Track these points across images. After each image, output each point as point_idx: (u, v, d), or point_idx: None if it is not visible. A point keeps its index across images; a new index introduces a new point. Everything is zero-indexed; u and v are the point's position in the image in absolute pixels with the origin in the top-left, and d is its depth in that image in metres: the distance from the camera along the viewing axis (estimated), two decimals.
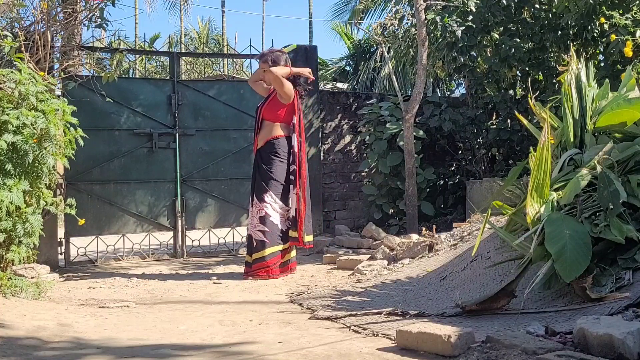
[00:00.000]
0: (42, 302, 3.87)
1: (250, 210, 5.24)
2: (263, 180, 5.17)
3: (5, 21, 5.15)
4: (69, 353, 2.76)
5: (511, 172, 4.25)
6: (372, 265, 5.04)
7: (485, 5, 6.66)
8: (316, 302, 3.86)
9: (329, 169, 7.66)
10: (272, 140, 5.20)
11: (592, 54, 6.54)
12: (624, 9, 5.95)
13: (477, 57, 7.14)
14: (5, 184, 3.58)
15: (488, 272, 3.83)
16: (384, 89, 14.65)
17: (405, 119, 6.72)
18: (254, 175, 5.30)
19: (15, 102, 3.84)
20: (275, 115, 5.24)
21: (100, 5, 5.48)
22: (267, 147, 5.21)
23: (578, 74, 3.97)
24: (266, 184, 5.15)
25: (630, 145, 3.47)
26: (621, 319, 2.50)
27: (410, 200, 6.75)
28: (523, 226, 3.59)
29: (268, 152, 5.19)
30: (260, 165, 5.21)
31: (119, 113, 6.42)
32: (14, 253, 3.75)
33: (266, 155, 5.19)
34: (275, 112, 5.24)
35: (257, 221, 5.11)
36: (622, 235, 3.04)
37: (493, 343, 2.47)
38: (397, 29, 7.53)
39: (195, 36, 26.40)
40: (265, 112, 5.27)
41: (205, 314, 3.71)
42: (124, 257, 6.45)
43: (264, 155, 5.20)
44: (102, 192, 6.34)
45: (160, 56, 8.84)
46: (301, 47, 7.42)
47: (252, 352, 2.73)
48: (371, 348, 2.68)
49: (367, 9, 17.83)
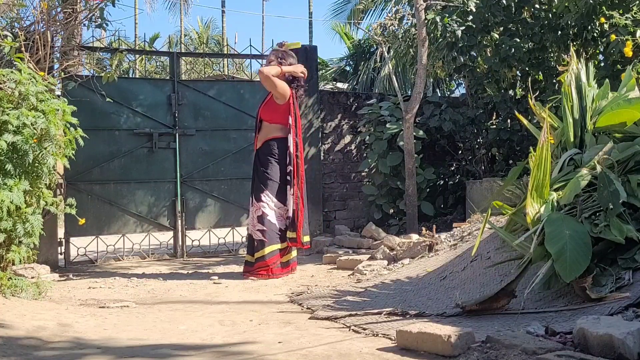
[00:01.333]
0: (42, 302, 3.87)
1: (250, 210, 5.27)
2: (260, 180, 5.22)
3: (5, 21, 5.15)
4: (69, 353, 2.76)
5: (511, 172, 4.25)
6: (372, 265, 5.04)
7: (485, 5, 6.66)
8: (316, 302, 3.86)
9: (329, 169, 7.66)
10: (269, 142, 5.24)
11: (592, 54, 6.54)
12: (624, 9, 5.95)
13: (477, 57, 7.14)
14: (5, 184, 3.58)
15: (488, 272, 3.83)
16: (384, 89, 14.65)
17: (405, 119, 6.72)
18: (253, 175, 5.34)
19: (15, 102, 3.84)
20: (271, 116, 5.26)
21: (100, 5, 5.48)
22: (264, 148, 5.25)
23: (578, 74, 3.97)
24: (263, 184, 5.19)
25: (630, 145, 3.47)
26: (621, 319, 2.50)
27: (410, 200, 6.75)
28: (523, 226, 3.59)
29: (265, 153, 5.24)
30: (257, 166, 5.26)
31: (119, 113, 6.42)
32: (14, 253, 3.75)
33: (263, 156, 5.24)
34: (271, 113, 5.26)
35: (256, 220, 5.14)
36: (622, 235, 3.04)
37: (493, 343, 2.47)
38: (397, 29, 7.52)
39: (195, 36, 26.39)
40: (263, 113, 5.30)
41: (205, 314, 3.71)
42: (124, 257, 6.45)
43: (261, 156, 5.25)
44: (102, 192, 6.34)
45: (160, 56, 8.84)
46: (301, 47, 7.43)
47: (252, 352, 2.73)
48: (371, 348, 2.68)
49: (367, 9, 17.83)
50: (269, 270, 5.06)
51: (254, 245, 5.14)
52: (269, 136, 5.25)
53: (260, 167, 5.23)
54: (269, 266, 5.06)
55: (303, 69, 5.40)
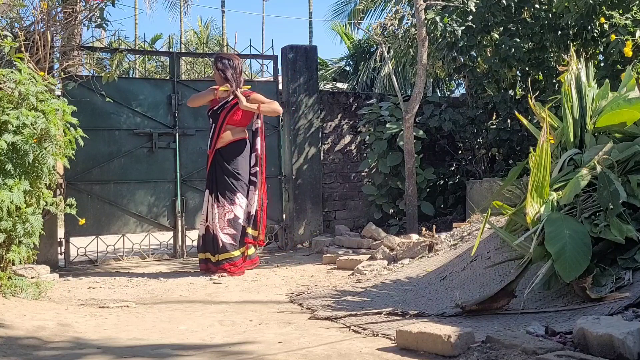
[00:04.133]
0: (42, 302, 3.87)
1: (216, 209, 5.32)
2: (232, 181, 5.35)
3: (5, 21, 5.15)
4: (69, 353, 2.75)
5: (511, 172, 4.26)
6: (372, 265, 5.04)
7: (485, 5, 6.66)
8: (316, 302, 3.86)
9: (329, 169, 7.66)
10: (236, 142, 5.42)
11: (592, 54, 6.54)
12: (624, 9, 5.95)
13: (477, 57, 7.15)
14: (5, 184, 3.58)
15: (488, 272, 3.83)
16: (383, 89, 14.64)
17: (405, 119, 6.72)
18: (219, 175, 5.38)
19: (15, 102, 3.84)
20: (240, 120, 5.45)
21: (100, 5, 5.48)
22: (230, 149, 5.40)
23: (578, 74, 3.97)
24: (235, 185, 5.37)
25: (630, 145, 3.47)
26: (621, 319, 2.50)
27: (410, 200, 6.75)
28: (523, 226, 3.59)
29: (232, 153, 5.39)
30: (224, 166, 5.36)
31: (119, 113, 6.42)
32: (14, 253, 3.75)
33: (230, 156, 5.38)
34: (240, 117, 5.44)
35: (226, 224, 5.29)
36: (622, 235, 3.04)
37: (493, 343, 2.47)
38: (397, 29, 7.52)
39: (195, 36, 26.38)
40: (230, 119, 5.41)
41: (205, 314, 3.71)
42: (124, 257, 6.45)
43: (228, 157, 5.38)
44: (102, 192, 6.34)
45: (160, 56, 8.84)
46: (301, 47, 7.44)
47: (252, 352, 2.73)
48: (371, 348, 2.68)
49: (367, 9, 17.81)
50: (240, 268, 5.28)
51: (219, 246, 5.26)
52: (235, 137, 5.43)
53: (229, 167, 5.35)
54: (236, 266, 5.28)
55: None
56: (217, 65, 5.48)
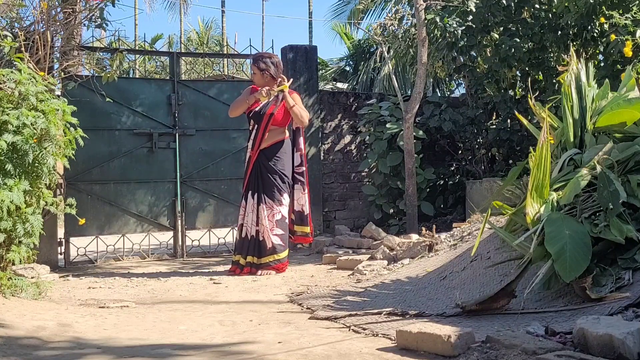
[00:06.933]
0: (42, 302, 3.87)
1: (264, 211, 5.23)
2: (279, 182, 5.30)
3: (5, 21, 5.15)
4: (69, 353, 2.75)
5: (511, 172, 4.25)
6: (372, 265, 5.04)
7: (485, 5, 6.66)
8: (316, 302, 3.86)
9: (329, 169, 7.66)
10: (279, 143, 5.38)
11: (592, 54, 6.54)
12: (624, 9, 5.95)
13: (477, 57, 7.15)
14: (5, 184, 3.58)
15: (488, 272, 3.83)
16: (383, 89, 14.65)
17: (405, 119, 6.72)
18: (260, 175, 5.31)
19: (15, 102, 3.84)
20: (279, 120, 5.37)
21: (100, 5, 5.48)
22: (273, 149, 5.35)
23: (578, 74, 3.97)
24: (282, 185, 5.32)
25: (630, 145, 3.47)
26: (621, 319, 2.50)
27: (410, 200, 6.75)
28: (523, 226, 3.59)
29: (276, 154, 5.34)
30: (269, 167, 5.31)
31: (119, 113, 6.42)
32: (14, 253, 3.75)
33: (274, 156, 5.33)
34: (279, 117, 5.37)
35: (275, 225, 5.25)
36: (622, 235, 3.04)
37: (493, 343, 2.47)
38: (397, 29, 7.52)
39: (195, 36, 26.38)
40: (275, 120, 5.33)
41: (205, 314, 3.71)
42: (124, 257, 6.45)
43: (273, 157, 5.32)
44: (102, 192, 6.34)
45: (160, 56, 8.84)
46: (301, 47, 7.44)
47: (252, 352, 2.72)
48: (371, 348, 2.68)
49: (367, 9, 17.83)
50: (283, 269, 5.31)
51: (267, 248, 5.22)
52: (279, 137, 5.39)
53: (275, 167, 5.30)
54: (284, 267, 5.32)
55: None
56: (260, 65, 5.34)
